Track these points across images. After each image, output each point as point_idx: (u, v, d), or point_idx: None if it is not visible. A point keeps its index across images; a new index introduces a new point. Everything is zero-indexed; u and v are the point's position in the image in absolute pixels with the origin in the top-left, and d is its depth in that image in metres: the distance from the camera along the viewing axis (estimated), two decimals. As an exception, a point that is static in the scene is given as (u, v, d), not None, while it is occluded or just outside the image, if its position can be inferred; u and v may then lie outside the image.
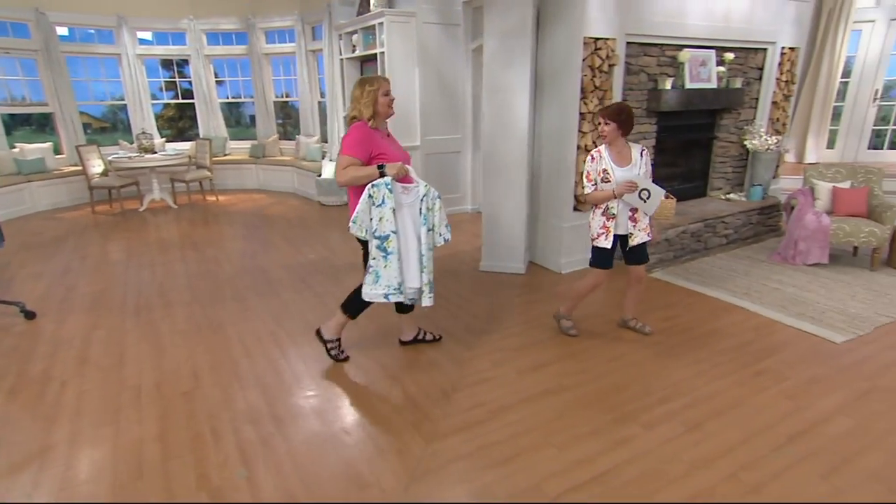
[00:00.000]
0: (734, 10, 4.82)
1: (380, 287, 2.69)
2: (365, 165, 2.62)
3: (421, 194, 2.73)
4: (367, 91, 2.66)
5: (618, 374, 2.89)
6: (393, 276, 2.67)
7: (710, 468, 2.17)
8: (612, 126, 2.93)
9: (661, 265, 4.49)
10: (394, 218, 2.61)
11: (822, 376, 2.85)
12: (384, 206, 2.59)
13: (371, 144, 2.63)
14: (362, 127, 2.66)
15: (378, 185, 2.57)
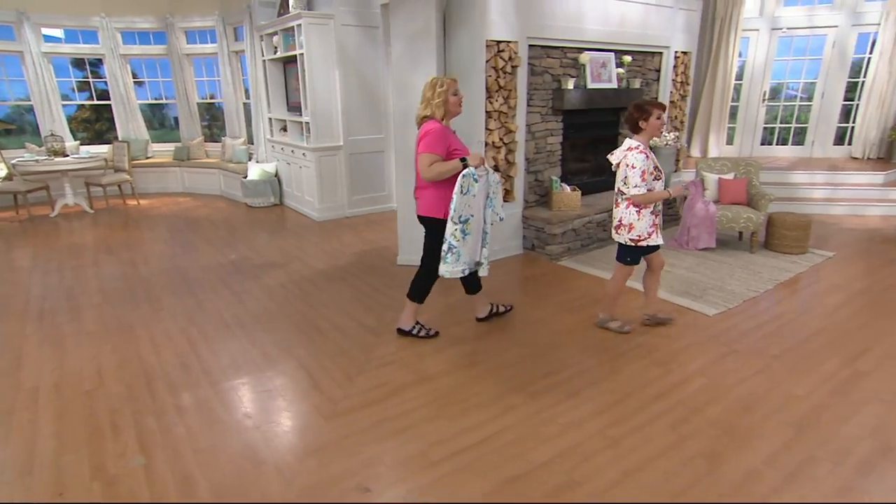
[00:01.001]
0: (629, 16, 5.22)
1: (460, 264, 2.97)
2: (445, 161, 2.85)
3: (490, 181, 3.02)
4: (439, 92, 2.87)
5: (511, 353, 3.12)
6: (468, 253, 2.98)
7: (581, 427, 2.42)
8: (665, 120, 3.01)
9: (568, 254, 4.80)
10: (473, 203, 2.90)
11: (691, 345, 3.19)
12: (469, 193, 2.87)
13: (447, 141, 2.88)
14: (437, 125, 2.88)
15: (466, 175, 2.83)
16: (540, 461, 2.20)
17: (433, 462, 2.21)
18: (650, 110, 2.94)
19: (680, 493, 2.03)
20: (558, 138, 5.08)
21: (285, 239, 5.62)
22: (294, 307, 3.82)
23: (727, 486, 2.06)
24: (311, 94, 5.90)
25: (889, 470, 2.15)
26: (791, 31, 7.77)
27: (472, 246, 3.01)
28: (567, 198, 4.83)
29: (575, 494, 2.02)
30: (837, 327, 3.40)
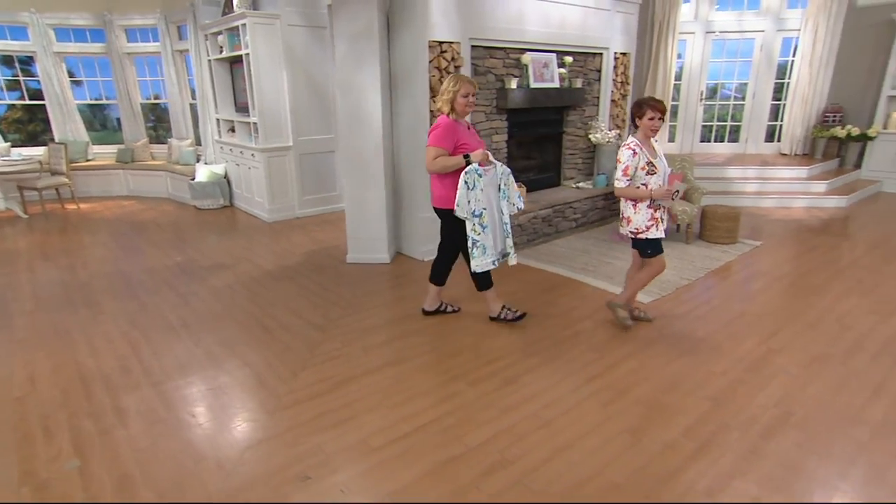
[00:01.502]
0: (568, 19, 5.41)
1: (488, 256, 3.14)
2: (451, 155, 2.99)
3: (499, 173, 3.14)
4: (450, 90, 3.00)
5: (455, 344, 3.22)
6: (491, 245, 3.13)
7: (516, 410, 2.54)
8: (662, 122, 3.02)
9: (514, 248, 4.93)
10: (482, 196, 3.02)
11: (625, 332, 3.36)
12: (476, 188, 2.99)
13: (455, 136, 3.01)
14: (446, 120, 3.03)
15: (469, 171, 2.97)
16: (476, 443, 2.31)
17: (373, 448, 2.28)
18: (645, 109, 3.01)
19: (604, 466, 2.17)
20: (504, 136, 5.21)
21: (234, 240, 5.56)
22: (240, 307, 3.81)
23: (646, 458, 2.21)
24: (259, 95, 5.85)
25: (788, 433, 2.35)
26: (723, 35, 8.20)
27: (494, 237, 3.17)
28: (512, 194, 4.97)
29: (507, 472, 2.13)
30: (757, 310, 3.65)
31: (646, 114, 3.01)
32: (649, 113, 3.00)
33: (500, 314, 3.45)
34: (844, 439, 2.32)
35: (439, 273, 3.48)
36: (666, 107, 3.08)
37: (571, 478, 2.10)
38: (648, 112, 3.00)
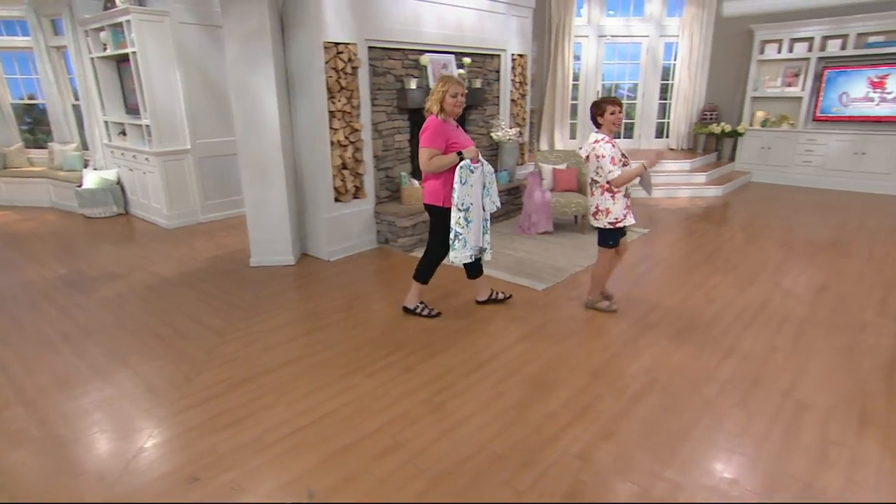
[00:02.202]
0: (465, 21, 5.61)
1: (467, 250, 3.27)
2: (443, 154, 3.13)
3: (485, 172, 3.29)
4: (440, 90, 3.12)
5: (356, 339, 3.29)
6: (473, 238, 3.27)
7: (410, 397, 2.65)
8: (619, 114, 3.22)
9: (420, 245, 5.07)
10: (471, 192, 3.17)
11: (519, 317, 3.58)
12: (467, 183, 3.15)
13: (445, 135, 3.15)
14: (435, 121, 3.16)
15: (463, 167, 3.12)
16: (369, 431, 2.39)
17: (267, 445, 2.30)
18: (604, 107, 3.21)
19: (489, 441, 2.33)
20: (406, 136, 5.32)
21: (128, 249, 5.27)
22: (132, 317, 3.65)
23: (528, 429, 2.40)
24: (151, 96, 5.57)
25: (652, 396, 2.64)
26: (614, 39, 8.82)
27: (475, 232, 3.31)
28: (416, 192, 5.10)
29: (397, 455, 2.24)
30: (639, 290, 4.01)
31: (606, 110, 3.21)
32: (609, 108, 3.21)
33: (415, 307, 3.55)
34: (697, 397, 2.64)
35: (426, 272, 3.50)
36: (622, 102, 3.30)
37: (458, 454, 2.24)
38: (608, 108, 3.21)
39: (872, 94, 7.24)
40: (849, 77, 7.38)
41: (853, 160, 7.52)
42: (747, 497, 2.00)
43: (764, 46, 8.06)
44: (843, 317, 3.52)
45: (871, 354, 3.04)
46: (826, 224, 5.82)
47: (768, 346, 3.16)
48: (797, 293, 3.92)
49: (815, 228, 5.67)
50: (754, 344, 3.18)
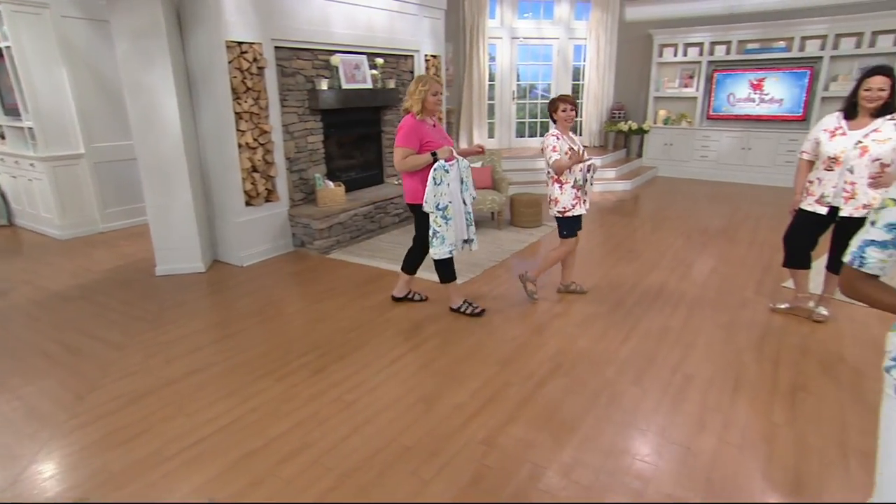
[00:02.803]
0: (376, 22, 5.61)
1: (446, 246, 3.33)
2: (418, 154, 3.18)
3: (461, 167, 3.33)
4: (420, 90, 3.16)
5: (267, 344, 3.22)
6: (453, 235, 3.33)
7: (321, 398, 2.64)
8: (574, 112, 3.43)
9: (338, 246, 5.03)
10: (448, 191, 3.21)
11: (434, 313, 3.65)
12: (443, 183, 3.18)
13: (419, 134, 3.19)
14: (411, 120, 3.20)
15: (437, 168, 3.16)
16: (276, 434, 2.36)
17: (166, 458, 2.21)
18: (557, 104, 3.43)
19: (398, 434, 2.36)
20: (319, 137, 5.26)
21: (11, 263, 4.85)
22: (14, 336, 3.37)
23: (437, 420, 2.46)
24: (32, 95, 5.14)
25: (557, 380, 2.78)
26: (526, 41, 9.12)
27: (457, 228, 3.37)
28: (331, 193, 5.05)
29: (304, 456, 2.22)
30: (550, 281, 4.18)
31: (559, 108, 3.42)
32: (561, 105, 3.42)
33: (460, 307, 3.57)
34: (597, 377, 2.81)
35: (412, 263, 3.65)
36: (574, 99, 3.49)
37: (367, 449, 2.26)
38: (560, 105, 3.42)
39: (753, 95, 7.96)
40: (734, 79, 8.07)
41: (741, 154, 8.23)
42: (637, 466, 2.16)
43: (662, 50, 8.64)
44: (727, 296, 3.86)
45: (747, 328, 3.35)
46: (718, 213, 6.34)
47: (663, 326, 3.41)
48: (690, 277, 4.25)
49: (709, 217, 6.15)
50: (651, 325, 3.42)
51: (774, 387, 2.70)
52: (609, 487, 2.05)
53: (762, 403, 2.56)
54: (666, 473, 2.11)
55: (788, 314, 3.53)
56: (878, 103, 2.91)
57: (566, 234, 3.67)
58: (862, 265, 1.26)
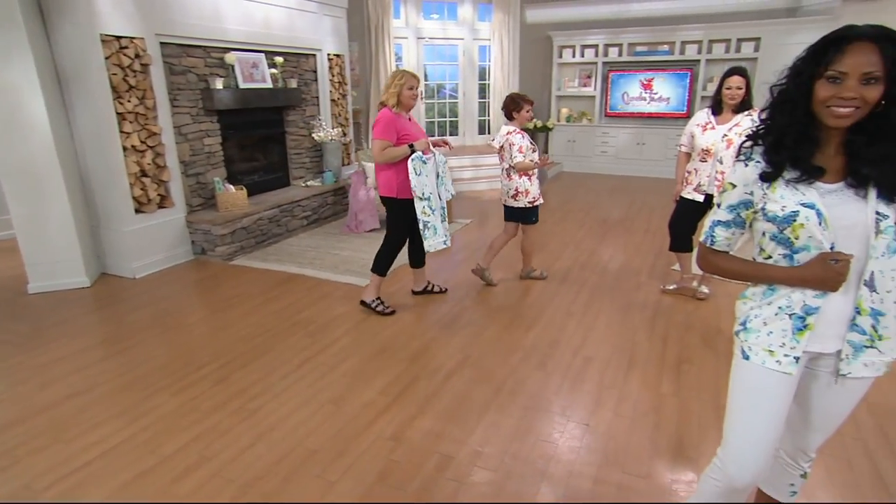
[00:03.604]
0: (273, 19, 5.43)
1: (439, 236, 3.36)
2: (395, 146, 3.21)
3: (437, 161, 3.37)
4: (396, 83, 3.22)
5: (164, 357, 3.02)
6: (441, 225, 3.37)
7: (223, 408, 2.51)
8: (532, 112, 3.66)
9: (241, 252, 4.81)
10: (427, 182, 3.25)
11: (343, 313, 3.59)
12: (422, 174, 3.22)
13: (396, 127, 3.23)
14: (388, 113, 3.24)
15: (415, 159, 3.20)
16: (172, 450, 2.21)
17: (37, 492, 2.00)
18: (522, 104, 3.62)
19: (304, 438, 2.30)
20: (217, 139, 5.00)
21: None
22: None
23: (345, 420, 2.42)
24: None
25: (464, 372, 2.83)
26: (432, 41, 9.21)
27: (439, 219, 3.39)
28: (233, 198, 4.82)
29: (203, 470, 2.10)
30: (457, 277, 4.26)
31: (523, 108, 3.63)
32: (526, 106, 3.64)
33: (371, 301, 3.58)
34: (503, 366, 2.89)
35: (382, 264, 3.55)
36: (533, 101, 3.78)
37: (271, 457, 2.18)
38: (525, 106, 3.64)
39: (644, 95, 8.57)
40: (627, 79, 8.64)
41: (637, 149, 8.82)
42: (540, 446, 2.24)
43: (561, 51, 9.06)
44: (624, 281, 4.12)
45: (641, 309, 3.60)
46: (617, 205, 6.75)
47: (566, 312, 3.58)
48: (591, 264, 4.49)
49: (609, 209, 6.54)
50: (555, 312, 3.57)
51: (663, 361, 2.92)
52: (514, 469, 2.12)
53: (652, 377, 2.76)
54: (566, 451, 2.22)
55: (676, 294, 3.83)
56: (737, 100, 3.25)
57: (534, 219, 3.95)
58: (713, 243, 1.39)
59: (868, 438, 2.27)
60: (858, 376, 1.29)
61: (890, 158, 1.15)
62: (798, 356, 1.29)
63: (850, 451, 2.19)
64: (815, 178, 1.21)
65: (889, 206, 1.17)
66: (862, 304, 1.23)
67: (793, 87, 1.21)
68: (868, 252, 1.19)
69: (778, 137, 1.24)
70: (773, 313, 1.30)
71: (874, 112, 1.13)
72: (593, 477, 2.07)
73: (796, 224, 1.20)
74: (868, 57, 1.10)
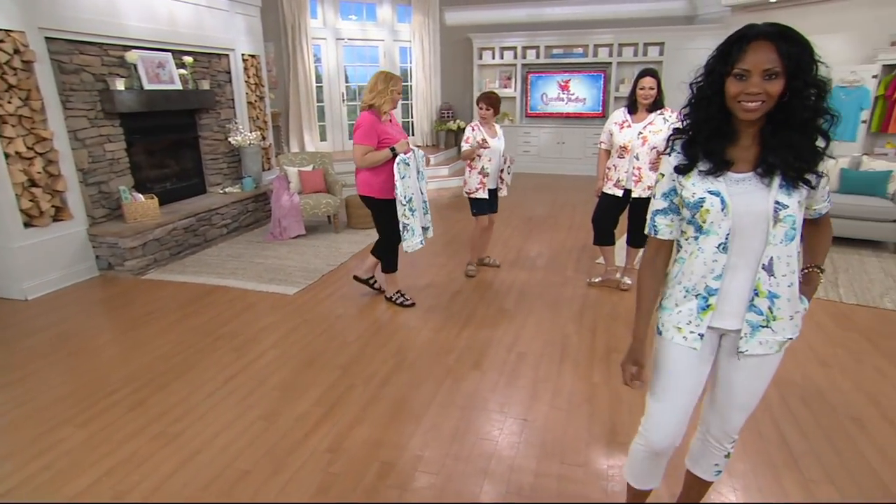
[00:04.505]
0: (179, 16, 5.10)
1: (416, 237, 3.41)
2: (376, 150, 3.26)
3: (418, 157, 3.43)
4: (389, 89, 3.25)
5: (66, 385, 2.73)
6: (419, 227, 3.44)
7: (140, 435, 2.31)
8: (491, 111, 3.89)
9: (155, 265, 4.48)
10: (410, 183, 3.32)
11: (269, 325, 3.42)
12: (406, 177, 3.27)
13: (377, 131, 3.26)
14: (369, 118, 3.25)
15: (399, 162, 3.24)
16: (79, 490, 2.00)
17: (-84, 551, 1.74)
18: (479, 103, 3.92)
19: (234, 458, 2.16)
20: (121, 144, 4.61)
21: None
22: None
23: (278, 436, 2.30)
24: None
25: (400, 375, 2.79)
26: (352, 42, 9.06)
27: (419, 219, 3.47)
28: (142, 207, 4.47)
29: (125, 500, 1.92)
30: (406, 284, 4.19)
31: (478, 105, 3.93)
32: (480, 104, 3.92)
33: (393, 296, 3.71)
34: (439, 367, 2.87)
35: (385, 262, 3.67)
36: (495, 98, 3.92)
37: (198, 482, 2.03)
38: (480, 104, 3.92)
39: (562, 95, 8.90)
40: (545, 81, 8.93)
41: (557, 148, 9.14)
42: (480, 445, 2.24)
43: (482, 53, 9.22)
44: (552, 276, 4.24)
45: (569, 303, 3.72)
46: (541, 202, 6.95)
47: (497, 310, 3.62)
48: (520, 262, 4.59)
49: (534, 207, 6.72)
50: (486, 311, 3.61)
51: (593, 352, 3.03)
52: (455, 470, 2.10)
53: (584, 368, 2.85)
54: (506, 447, 2.23)
55: (602, 286, 3.99)
56: (650, 100, 3.44)
57: (474, 212, 4.08)
58: (656, 233, 1.46)
59: (773, 409, 2.47)
60: (754, 353, 1.39)
61: (791, 146, 1.24)
62: (702, 333, 1.39)
63: (759, 422, 2.37)
64: (724, 170, 1.29)
65: (790, 195, 1.26)
66: (760, 286, 1.32)
67: (706, 85, 1.29)
68: (767, 238, 1.28)
69: (693, 132, 1.33)
70: (682, 295, 1.40)
71: (781, 104, 1.22)
72: (534, 471, 2.10)
73: (703, 209, 1.30)
74: (767, 54, 1.18)
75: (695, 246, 1.36)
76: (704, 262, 1.34)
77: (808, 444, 2.23)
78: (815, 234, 1.46)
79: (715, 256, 1.32)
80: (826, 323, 3.34)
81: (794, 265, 1.31)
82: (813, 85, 1.20)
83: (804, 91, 1.20)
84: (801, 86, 1.19)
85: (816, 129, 1.24)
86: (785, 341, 1.38)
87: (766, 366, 1.43)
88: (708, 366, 1.46)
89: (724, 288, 1.34)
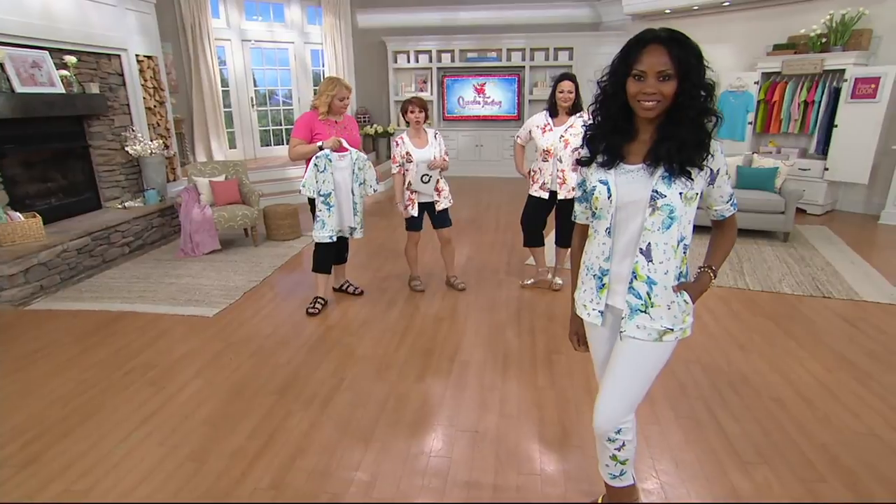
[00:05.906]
0: (57, 10, 4.53)
1: (326, 231, 3.50)
2: (308, 144, 3.41)
3: (353, 159, 3.49)
4: (328, 94, 3.38)
5: (-61, 443, 2.30)
6: (335, 222, 3.52)
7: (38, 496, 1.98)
8: (424, 114, 3.62)
9: (42, 293, 3.94)
10: (332, 179, 3.41)
11: (189, 352, 3.11)
12: (326, 171, 3.38)
13: (311, 127, 3.43)
14: (307, 114, 3.48)
15: (320, 156, 3.36)
16: (-34, 573, 1.67)
17: None
18: (405, 107, 3.65)
19: None
20: (-11, 156, 4.03)
21: None
22: None
23: (213, 477, 2.07)
24: None
25: (342, 396, 2.63)
26: (259, 44, 8.60)
27: (340, 215, 3.54)
28: (21, 228, 3.92)
29: (19, 587, 1.62)
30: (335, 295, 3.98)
31: (407, 109, 3.64)
32: (409, 108, 3.63)
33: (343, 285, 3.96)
34: (381, 384, 2.75)
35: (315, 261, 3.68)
36: (422, 101, 3.65)
37: (117, 547, 1.77)
38: (408, 107, 3.64)
39: (478, 99, 9.02)
40: (461, 84, 9.01)
41: (476, 151, 9.25)
42: (433, 463, 2.15)
43: (396, 56, 9.13)
44: (485, 280, 4.24)
45: (505, 306, 3.72)
46: (465, 205, 6.97)
47: (435, 318, 3.55)
48: (450, 267, 4.54)
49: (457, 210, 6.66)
50: (423, 320, 3.52)
51: (534, 355, 3.03)
52: (410, 493, 2.00)
53: (527, 373, 2.84)
54: (460, 462, 2.16)
55: (535, 288, 4.03)
56: (569, 103, 3.52)
57: (407, 228, 3.92)
58: (575, 218, 1.63)
59: (707, 396, 2.59)
60: (632, 336, 1.47)
61: (675, 139, 1.32)
62: (601, 310, 1.52)
63: (696, 411, 2.48)
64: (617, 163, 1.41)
65: (670, 186, 1.35)
66: (638, 269, 1.42)
67: (609, 85, 1.38)
68: (643, 224, 1.38)
69: (595, 129, 1.46)
70: (585, 273, 1.56)
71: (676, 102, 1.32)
72: (492, 484, 2.04)
73: (595, 197, 1.44)
74: (660, 58, 1.28)
75: (593, 230, 1.51)
76: (598, 245, 1.48)
77: (740, 427, 2.36)
78: (717, 235, 1.57)
79: (604, 240, 1.46)
80: (740, 310, 3.59)
81: (672, 255, 1.41)
82: (701, 86, 1.31)
83: (692, 91, 1.30)
84: (690, 87, 1.29)
85: (701, 126, 1.34)
86: (664, 331, 1.45)
87: (645, 352, 1.48)
88: (609, 343, 1.59)
89: (612, 269, 1.47)
